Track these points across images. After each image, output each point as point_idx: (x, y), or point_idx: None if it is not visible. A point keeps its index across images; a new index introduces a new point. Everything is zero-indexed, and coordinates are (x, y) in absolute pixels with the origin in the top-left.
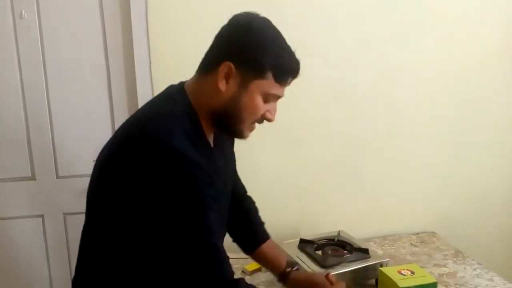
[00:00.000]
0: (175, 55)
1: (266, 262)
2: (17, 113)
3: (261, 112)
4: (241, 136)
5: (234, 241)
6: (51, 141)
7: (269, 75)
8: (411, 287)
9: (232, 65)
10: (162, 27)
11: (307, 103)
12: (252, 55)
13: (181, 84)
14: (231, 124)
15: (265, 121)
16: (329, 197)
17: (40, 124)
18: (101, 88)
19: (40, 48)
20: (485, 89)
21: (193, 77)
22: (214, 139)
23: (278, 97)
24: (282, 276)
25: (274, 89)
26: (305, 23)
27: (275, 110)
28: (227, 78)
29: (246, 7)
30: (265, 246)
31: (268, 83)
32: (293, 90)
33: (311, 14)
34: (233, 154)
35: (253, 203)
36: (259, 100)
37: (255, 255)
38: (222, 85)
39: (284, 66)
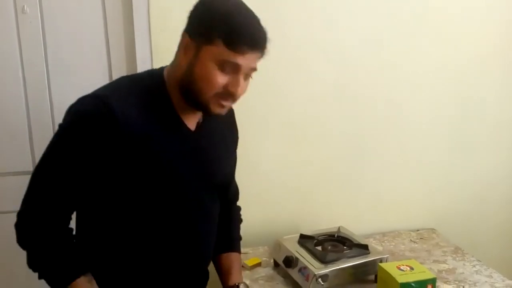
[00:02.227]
0: None
1: (218, 271)
2: (18, 108)
3: (218, 82)
4: (208, 110)
5: None
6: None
7: (219, 41)
8: (410, 282)
9: (187, 36)
10: (164, 23)
11: (307, 100)
12: (202, 22)
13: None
14: (194, 97)
15: (266, 118)
16: (329, 194)
17: (42, 118)
18: (103, 82)
19: (42, 42)
20: (485, 87)
21: None
22: (200, 125)
23: (236, 66)
24: None
25: (228, 56)
26: (306, 21)
27: (238, 82)
28: (185, 50)
29: (247, 4)
30: (226, 257)
31: (219, 50)
32: (293, 87)
33: (312, 12)
34: (229, 151)
35: (238, 211)
36: (211, 68)
37: (214, 260)
38: (181, 58)
39: (235, 32)
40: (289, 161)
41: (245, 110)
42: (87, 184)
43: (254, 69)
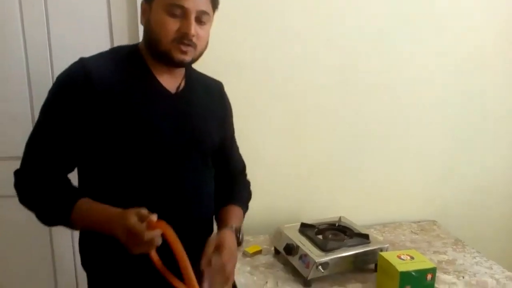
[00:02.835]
0: None
1: (217, 223)
2: (22, 91)
3: (171, 27)
4: (171, 58)
5: None
6: None
7: None
8: (410, 271)
9: (143, 2)
10: None
11: (309, 90)
12: None
13: None
14: (156, 49)
15: (267, 107)
16: (330, 184)
17: None
18: None
19: (46, 27)
20: (487, 79)
21: None
22: (182, 90)
23: (183, 8)
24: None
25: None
26: (308, 11)
27: (189, 24)
28: (143, 13)
29: None
30: (224, 209)
31: None
32: (295, 77)
33: (315, 2)
34: (215, 122)
35: (245, 181)
36: (162, 15)
37: (215, 217)
38: (143, 22)
39: None
40: (290, 151)
41: (247, 99)
42: (76, 139)
43: (205, 12)
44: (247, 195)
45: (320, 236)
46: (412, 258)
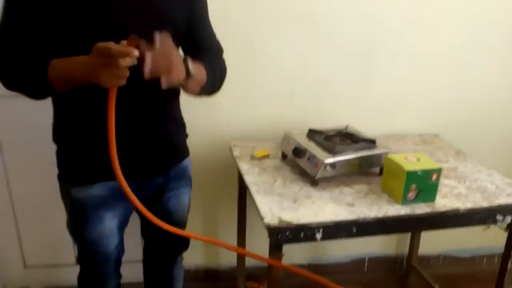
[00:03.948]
0: None
1: None
2: None
3: None
4: None
5: None
6: None
7: None
8: (417, 171)
9: None
10: None
11: None
12: None
13: None
14: None
15: (278, 10)
16: (337, 94)
17: None
18: None
19: None
20: None
21: None
22: None
23: None
24: None
25: None
26: None
27: None
28: None
29: None
30: None
31: None
32: None
33: None
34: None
35: (219, 59)
36: None
37: None
38: None
39: None
40: (299, 57)
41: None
42: (41, 22)
43: None
44: (216, 65)
45: (328, 141)
46: (418, 159)
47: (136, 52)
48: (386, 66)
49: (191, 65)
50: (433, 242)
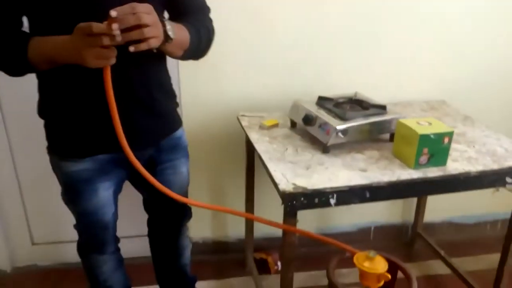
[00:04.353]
0: None
1: None
2: None
3: None
4: None
5: None
6: None
7: None
8: (429, 134)
9: None
10: None
11: None
12: None
13: None
14: None
15: None
16: (345, 61)
17: None
18: None
19: None
20: None
21: None
22: None
23: None
24: None
25: None
26: None
27: None
28: None
29: None
30: None
31: None
32: None
33: None
34: None
35: (205, 19)
36: None
37: None
38: None
39: None
40: (306, 25)
41: None
42: (20, 4)
43: None
44: (202, 26)
45: (338, 108)
46: (429, 123)
47: (116, 27)
48: (393, 31)
49: (170, 27)
50: (438, 210)
